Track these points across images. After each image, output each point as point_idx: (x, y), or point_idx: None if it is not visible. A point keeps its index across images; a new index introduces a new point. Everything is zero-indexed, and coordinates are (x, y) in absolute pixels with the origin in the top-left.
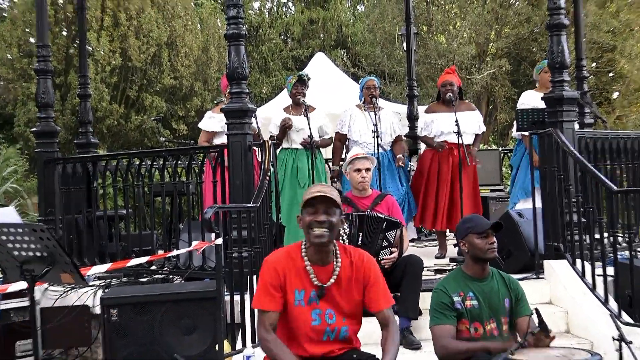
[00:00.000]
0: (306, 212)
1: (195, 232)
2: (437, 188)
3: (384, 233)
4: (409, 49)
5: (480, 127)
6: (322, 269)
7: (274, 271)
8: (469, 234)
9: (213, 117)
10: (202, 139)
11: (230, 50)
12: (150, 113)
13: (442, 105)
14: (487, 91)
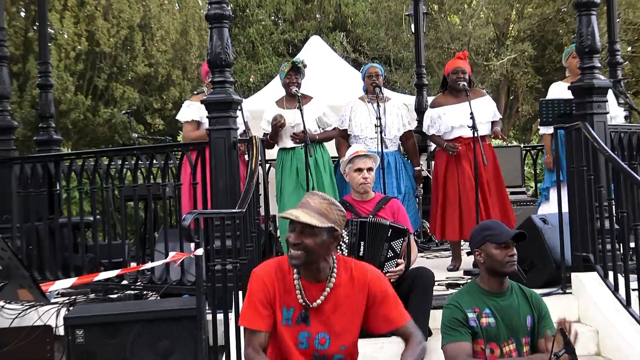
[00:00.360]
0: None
1: (172, 241)
2: (459, 192)
3: (389, 242)
4: (418, 32)
5: (495, 114)
6: (314, 285)
7: (263, 285)
8: (486, 243)
9: (191, 105)
10: (187, 130)
11: (212, 33)
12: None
13: (449, 96)
14: (507, 79)
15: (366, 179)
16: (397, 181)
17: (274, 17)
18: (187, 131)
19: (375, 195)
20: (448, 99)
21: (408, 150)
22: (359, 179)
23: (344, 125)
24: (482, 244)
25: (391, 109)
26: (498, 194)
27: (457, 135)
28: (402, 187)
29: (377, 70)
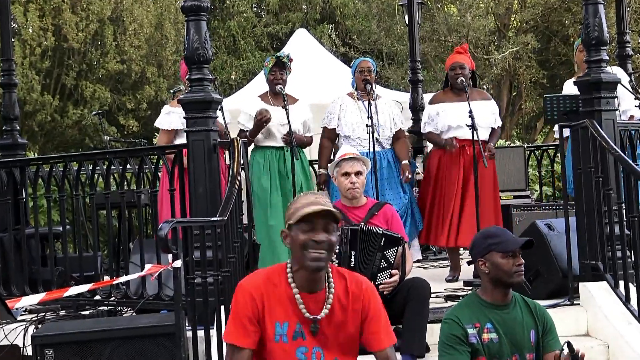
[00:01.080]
0: (299, 229)
1: (148, 253)
2: (444, 196)
3: (383, 251)
4: (412, 23)
5: (496, 120)
6: (311, 297)
7: (250, 299)
8: (491, 252)
9: (172, 112)
10: (161, 140)
11: (189, 26)
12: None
13: (450, 93)
14: (509, 74)
15: (354, 184)
16: (400, 181)
17: (256, 9)
18: (161, 141)
19: (367, 201)
20: (449, 96)
21: (396, 146)
22: (346, 183)
23: (332, 124)
24: (486, 252)
25: (383, 108)
26: (493, 200)
27: (453, 136)
28: (406, 187)
29: (369, 65)
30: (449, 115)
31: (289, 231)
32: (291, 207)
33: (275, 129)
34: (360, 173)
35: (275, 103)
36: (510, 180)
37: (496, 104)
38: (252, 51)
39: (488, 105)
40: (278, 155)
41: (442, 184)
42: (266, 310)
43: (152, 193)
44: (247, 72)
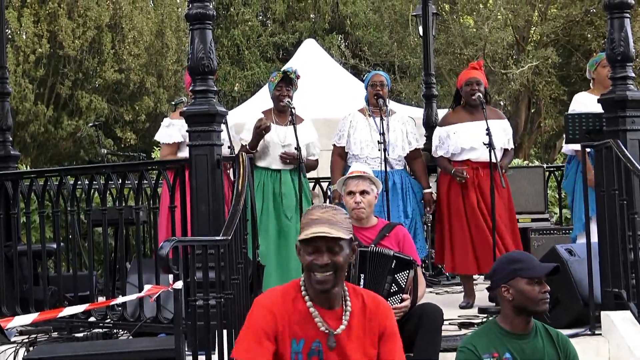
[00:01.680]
0: (304, 249)
1: (147, 273)
2: (464, 220)
3: (393, 275)
4: (426, 35)
5: (509, 142)
6: (328, 312)
7: (270, 315)
8: (517, 278)
9: (172, 124)
10: (164, 154)
11: (194, 35)
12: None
13: (462, 112)
14: (527, 90)
15: (358, 203)
16: (403, 203)
17: (262, 17)
18: (164, 155)
19: (378, 222)
20: (460, 115)
21: (415, 170)
22: (351, 203)
23: (341, 142)
24: (510, 278)
25: (395, 125)
26: (510, 223)
27: (466, 158)
28: (409, 211)
29: (382, 79)
30: (461, 136)
31: (300, 247)
32: (303, 218)
33: (273, 148)
34: (366, 192)
35: (278, 121)
36: (529, 203)
37: (514, 121)
38: (257, 62)
39: (501, 125)
40: (274, 178)
41: (456, 207)
42: (284, 327)
43: (151, 210)
44: (251, 83)
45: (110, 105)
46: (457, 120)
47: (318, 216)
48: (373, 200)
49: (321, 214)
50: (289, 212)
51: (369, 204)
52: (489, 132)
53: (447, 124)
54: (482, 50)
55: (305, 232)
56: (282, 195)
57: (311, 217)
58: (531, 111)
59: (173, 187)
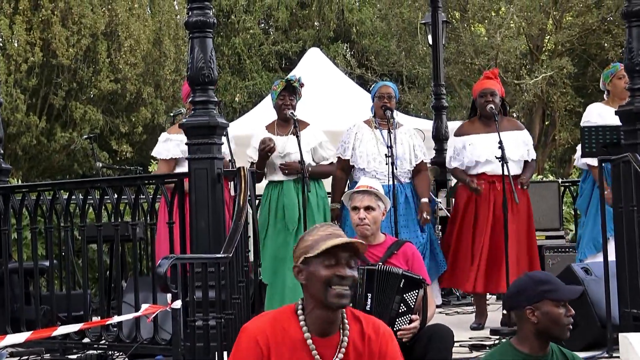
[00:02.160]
0: (320, 263)
1: (143, 292)
2: (473, 236)
3: (402, 294)
4: (436, 43)
5: (530, 153)
6: (324, 341)
7: (255, 345)
8: (545, 300)
9: (170, 139)
10: (160, 171)
11: (193, 44)
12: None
13: (478, 123)
14: (542, 101)
15: (362, 219)
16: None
17: (264, 25)
18: (161, 171)
19: (385, 239)
20: (476, 126)
21: (418, 182)
22: (355, 219)
23: (346, 155)
24: (538, 300)
25: (402, 137)
26: (527, 241)
27: (481, 172)
28: (426, 226)
29: (390, 91)
30: (477, 148)
31: (304, 265)
32: (306, 239)
33: (273, 160)
34: (371, 208)
35: (280, 132)
36: (543, 219)
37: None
38: (258, 71)
39: (520, 136)
40: (278, 190)
41: (469, 222)
42: (272, 357)
43: (149, 226)
44: (252, 94)
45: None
46: (473, 130)
47: (331, 232)
48: (379, 216)
49: (332, 230)
50: (291, 225)
51: (374, 221)
52: (502, 146)
53: (463, 134)
54: (494, 59)
55: (329, 242)
56: (284, 208)
57: (322, 232)
58: (545, 123)
59: (171, 202)
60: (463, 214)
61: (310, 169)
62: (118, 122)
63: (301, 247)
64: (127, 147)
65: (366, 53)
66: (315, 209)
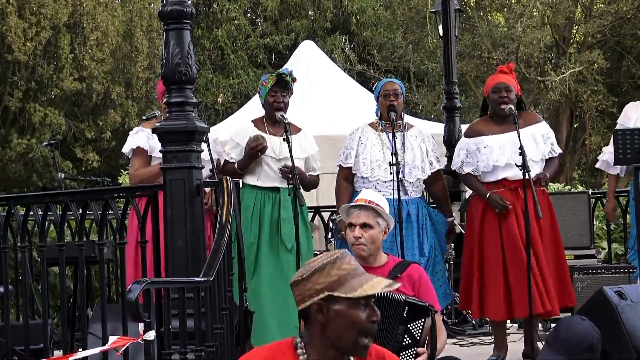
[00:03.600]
0: (352, 306)
1: (112, 321)
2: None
3: (406, 324)
4: (448, 35)
5: (554, 147)
6: None
7: None
8: None
9: (142, 131)
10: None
11: (169, 37)
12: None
13: (492, 122)
14: (569, 101)
15: (358, 239)
16: (419, 239)
17: (250, 15)
18: (135, 168)
19: (388, 260)
20: (489, 126)
21: (436, 196)
22: (350, 237)
23: (349, 162)
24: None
25: (412, 142)
26: (556, 260)
27: (501, 177)
28: (426, 248)
29: (396, 87)
30: (494, 151)
31: (327, 303)
32: (329, 272)
33: (267, 163)
34: (368, 226)
35: (272, 131)
36: (571, 236)
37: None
38: (244, 67)
39: (539, 130)
40: (272, 198)
41: (490, 240)
42: None
43: (118, 245)
44: (237, 93)
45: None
46: (486, 130)
47: (355, 266)
48: (378, 235)
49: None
50: (288, 243)
51: (372, 240)
52: (523, 152)
53: (476, 135)
54: (515, 53)
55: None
56: (281, 222)
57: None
58: (574, 126)
59: (144, 219)
60: (480, 232)
61: (308, 176)
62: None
63: (322, 281)
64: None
65: (368, 46)
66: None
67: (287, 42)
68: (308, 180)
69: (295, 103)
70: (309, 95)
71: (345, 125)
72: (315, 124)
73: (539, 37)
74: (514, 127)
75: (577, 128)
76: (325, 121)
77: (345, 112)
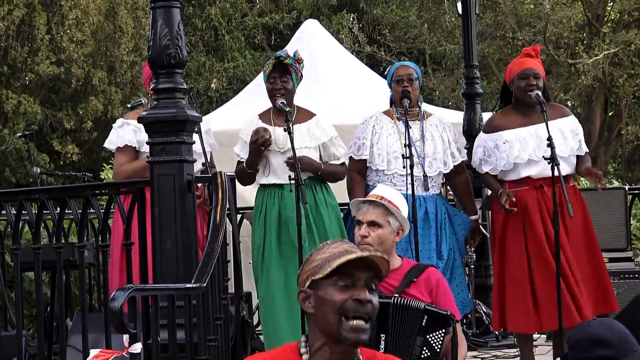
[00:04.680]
0: (332, 286)
1: (94, 332)
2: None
3: (425, 335)
4: (467, 13)
5: (582, 145)
6: None
7: None
8: None
9: (127, 124)
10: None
11: (156, 15)
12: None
13: (514, 114)
14: (604, 86)
15: (363, 237)
16: (437, 240)
17: None
18: (120, 164)
19: (402, 263)
20: (511, 118)
21: (457, 191)
22: (356, 235)
23: (362, 154)
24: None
25: (433, 131)
26: (591, 262)
27: (524, 176)
28: (445, 251)
29: (411, 71)
30: (514, 147)
31: (311, 290)
32: (314, 259)
33: (271, 158)
34: (376, 224)
35: (278, 122)
36: (606, 237)
37: (585, 127)
38: (240, 50)
39: (567, 124)
40: (279, 196)
41: (514, 244)
42: None
43: (100, 248)
44: (233, 78)
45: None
46: (507, 124)
47: (345, 248)
48: (388, 235)
49: (347, 246)
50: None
51: (380, 240)
52: (551, 143)
53: (495, 130)
54: (542, 33)
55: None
56: (288, 221)
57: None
58: (609, 114)
59: (129, 218)
60: (502, 236)
61: (322, 167)
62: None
63: (308, 269)
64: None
65: (378, 26)
66: (327, 218)
67: (288, 21)
68: (327, 170)
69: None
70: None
71: (353, 114)
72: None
73: (569, 15)
74: (537, 118)
75: (612, 116)
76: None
77: (353, 99)
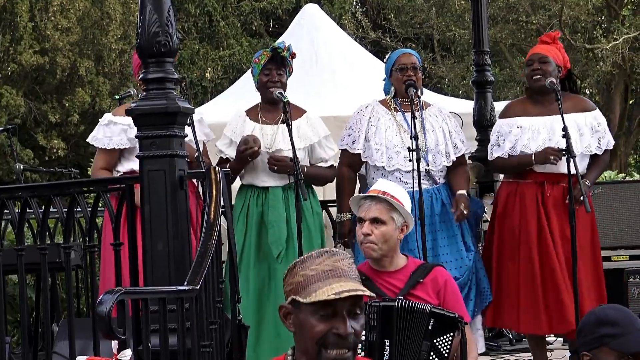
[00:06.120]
0: (313, 314)
1: (81, 338)
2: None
3: (432, 339)
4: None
5: (601, 142)
6: None
7: None
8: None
9: (113, 123)
10: (97, 166)
11: (145, 1)
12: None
13: (530, 102)
14: (623, 73)
15: (366, 236)
16: (461, 231)
17: None
18: (98, 167)
19: (407, 262)
20: (526, 105)
21: (452, 175)
22: (359, 234)
23: (356, 148)
24: (595, 346)
25: (433, 122)
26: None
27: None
28: (469, 240)
29: (415, 60)
30: (525, 135)
31: (293, 308)
32: (297, 272)
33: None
34: (379, 221)
35: (267, 119)
36: (625, 232)
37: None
38: (236, 37)
39: (586, 119)
40: (260, 199)
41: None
42: None
43: (87, 249)
44: (229, 67)
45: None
46: (523, 111)
47: (331, 267)
48: (392, 233)
49: (333, 263)
50: (276, 248)
51: (384, 239)
52: (567, 134)
53: (510, 116)
54: (558, 16)
55: (321, 292)
56: (268, 225)
57: (319, 267)
58: (629, 102)
59: (117, 217)
60: (500, 226)
61: (305, 170)
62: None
63: (290, 282)
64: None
65: (383, 10)
66: (312, 225)
67: (286, 5)
68: (314, 173)
69: (297, 78)
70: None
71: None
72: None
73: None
74: (552, 109)
75: (632, 105)
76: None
77: (356, 88)
